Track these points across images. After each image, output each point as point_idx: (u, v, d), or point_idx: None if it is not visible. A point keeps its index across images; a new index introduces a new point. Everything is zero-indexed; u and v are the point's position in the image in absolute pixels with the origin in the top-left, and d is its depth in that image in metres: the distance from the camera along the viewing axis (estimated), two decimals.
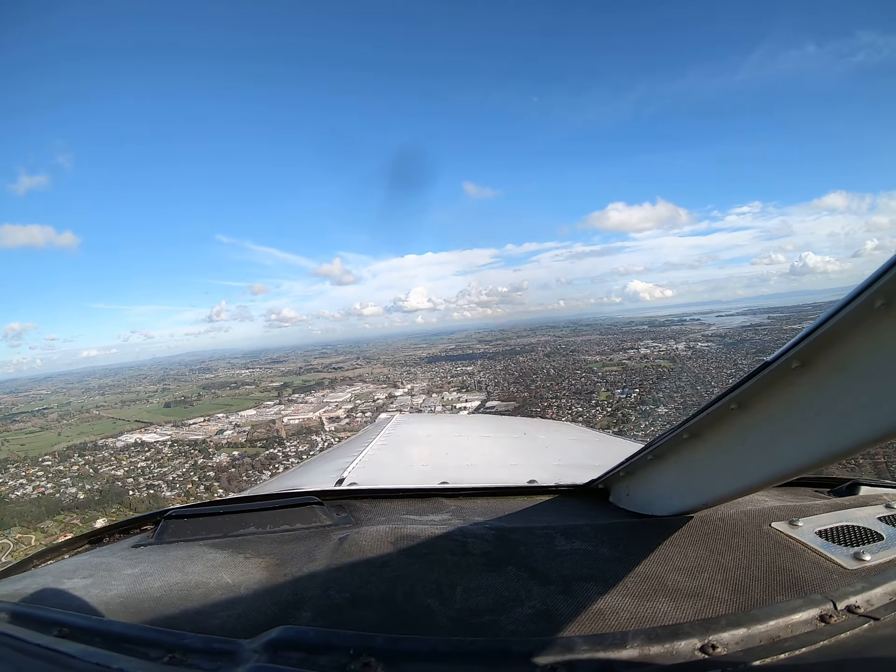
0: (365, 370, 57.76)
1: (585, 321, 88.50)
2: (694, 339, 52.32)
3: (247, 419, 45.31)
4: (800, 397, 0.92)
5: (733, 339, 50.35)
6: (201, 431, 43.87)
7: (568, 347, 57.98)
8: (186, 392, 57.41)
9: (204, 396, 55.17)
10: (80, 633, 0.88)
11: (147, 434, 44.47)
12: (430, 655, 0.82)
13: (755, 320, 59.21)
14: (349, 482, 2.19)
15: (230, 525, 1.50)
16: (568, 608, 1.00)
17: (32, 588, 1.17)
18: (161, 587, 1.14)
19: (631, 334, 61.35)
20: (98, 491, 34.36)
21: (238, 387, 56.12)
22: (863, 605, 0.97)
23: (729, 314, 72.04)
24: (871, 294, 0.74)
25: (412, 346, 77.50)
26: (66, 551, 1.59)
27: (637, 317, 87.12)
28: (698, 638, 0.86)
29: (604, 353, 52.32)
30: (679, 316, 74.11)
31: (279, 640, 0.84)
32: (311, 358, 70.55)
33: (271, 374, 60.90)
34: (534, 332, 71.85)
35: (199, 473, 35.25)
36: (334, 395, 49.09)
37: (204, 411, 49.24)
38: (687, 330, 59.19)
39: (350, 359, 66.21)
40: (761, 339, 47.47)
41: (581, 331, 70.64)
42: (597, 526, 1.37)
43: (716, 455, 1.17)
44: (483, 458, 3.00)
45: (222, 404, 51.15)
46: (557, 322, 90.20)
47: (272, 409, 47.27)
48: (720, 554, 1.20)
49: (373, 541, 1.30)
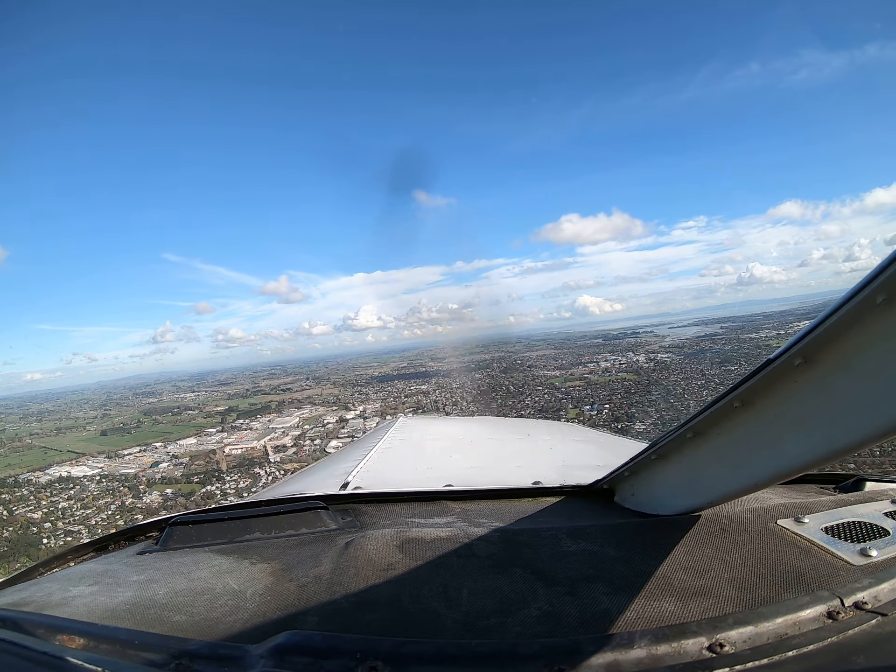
0: (314, 391, 54.82)
1: (537, 336, 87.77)
2: (652, 351, 51.41)
3: (185, 449, 41.89)
4: (803, 394, 0.92)
5: (692, 349, 50.15)
6: (135, 464, 40.38)
7: (524, 363, 56.26)
8: (127, 418, 53.63)
9: (144, 423, 51.40)
10: (85, 640, 0.88)
11: (77, 466, 40.63)
12: (436, 658, 0.82)
13: (708, 330, 59.36)
14: (354, 486, 2.21)
15: (235, 531, 1.50)
16: (574, 609, 1.00)
17: (38, 596, 1.17)
18: (167, 594, 1.14)
19: (586, 348, 60.44)
20: (6, 540, 30.96)
21: (180, 412, 52.39)
22: (870, 601, 0.97)
23: (681, 325, 71.56)
24: (872, 290, 0.74)
25: (363, 364, 74.51)
26: (72, 559, 1.59)
27: (589, 331, 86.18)
28: (706, 637, 0.86)
29: (562, 368, 50.95)
30: (631, 329, 72.84)
31: (285, 646, 0.84)
32: (259, 379, 66.90)
33: (217, 397, 57.41)
34: (486, 349, 69.72)
35: (126, 517, 31.98)
36: (281, 419, 46.15)
37: (142, 439, 45.66)
38: (643, 342, 58.35)
39: (299, 379, 63.25)
40: (721, 349, 47.38)
41: (535, 346, 69.68)
42: (602, 526, 1.37)
43: (720, 453, 1.17)
44: (487, 459, 2.99)
45: (162, 432, 47.63)
46: (509, 338, 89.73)
47: (214, 438, 44.27)
48: (726, 552, 1.19)
49: (378, 545, 1.30)
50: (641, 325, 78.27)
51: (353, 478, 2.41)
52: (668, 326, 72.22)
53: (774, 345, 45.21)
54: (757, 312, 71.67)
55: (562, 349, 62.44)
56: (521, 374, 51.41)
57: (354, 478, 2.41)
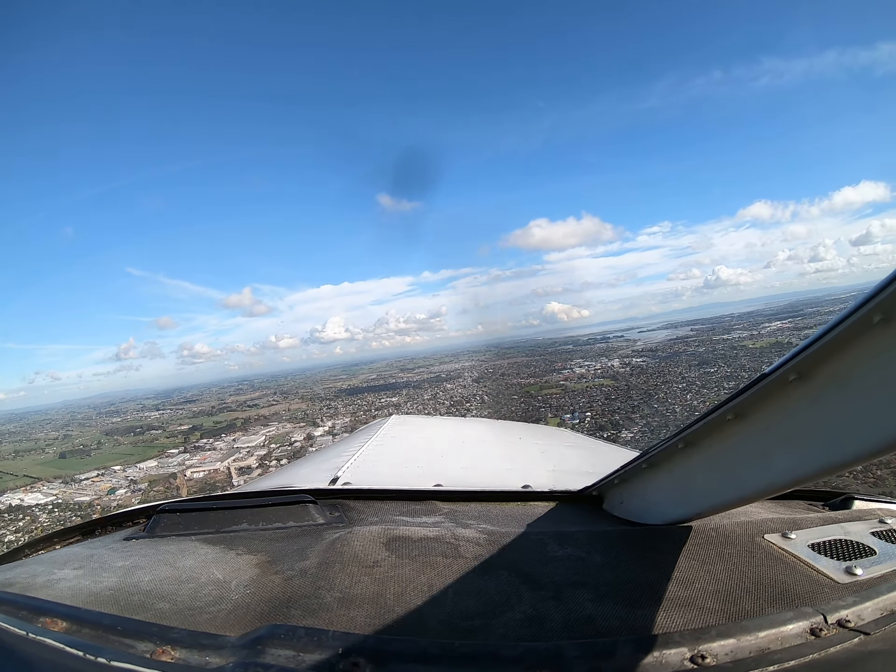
0: (282, 406, 53.17)
1: (507, 344, 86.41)
2: (626, 356, 51.68)
3: (145, 473, 39.99)
4: (796, 410, 0.93)
5: (666, 352, 50.01)
6: (91, 490, 38.38)
7: (496, 371, 56.00)
8: (87, 439, 51.36)
9: (104, 444, 49.43)
10: (68, 623, 0.88)
11: (31, 493, 38.74)
12: (419, 657, 0.83)
13: (679, 333, 59.35)
14: (343, 482, 2.21)
15: (223, 521, 1.50)
16: (559, 614, 1.00)
17: (22, 577, 1.18)
18: (151, 581, 1.14)
19: (558, 355, 59.83)
20: None
21: (143, 432, 50.37)
22: (853, 619, 0.97)
23: (650, 329, 71.62)
24: (869, 309, 0.75)
25: (332, 377, 72.49)
26: (58, 542, 1.59)
27: (559, 337, 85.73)
28: (688, 648, 0.87)
29: (536, 376, 50.55)
30: (601, 334, 72.84)
31: (268, 638, 0.84)
32: (225, 395, 64.71)
33: (182, 415, 55.21)
34: (456, 358, 69.37)
35: None
36: (246, 438, 44.39)
37: (102, 462, 43.53)
38: (614, 347, 58.05)
39: (267, 394, 61.22)
40: (695, 351, 47.48)
41: (505, 354, 68.76)
42: (590, 533, 1.38)
43: (711, 465, 1.18)
44: (478, 461, 3.00)
45: (122, 454, 45.57)
46: (478, 347, 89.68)
47: (176, 459, 42.61)
48: (712, 564, 1.20)
49: (365, 541, 1.31)
50: (610, 331, 78.08)
51: (343, 473, 2.41)
52: (637, 331, 72.39)
53: (749, 345, 45.42)
54: (725, 314, 72.43)
55: (533, 356, 61.91)
56: (494, 383, 50.86)
57: (344, 473, 2.41)
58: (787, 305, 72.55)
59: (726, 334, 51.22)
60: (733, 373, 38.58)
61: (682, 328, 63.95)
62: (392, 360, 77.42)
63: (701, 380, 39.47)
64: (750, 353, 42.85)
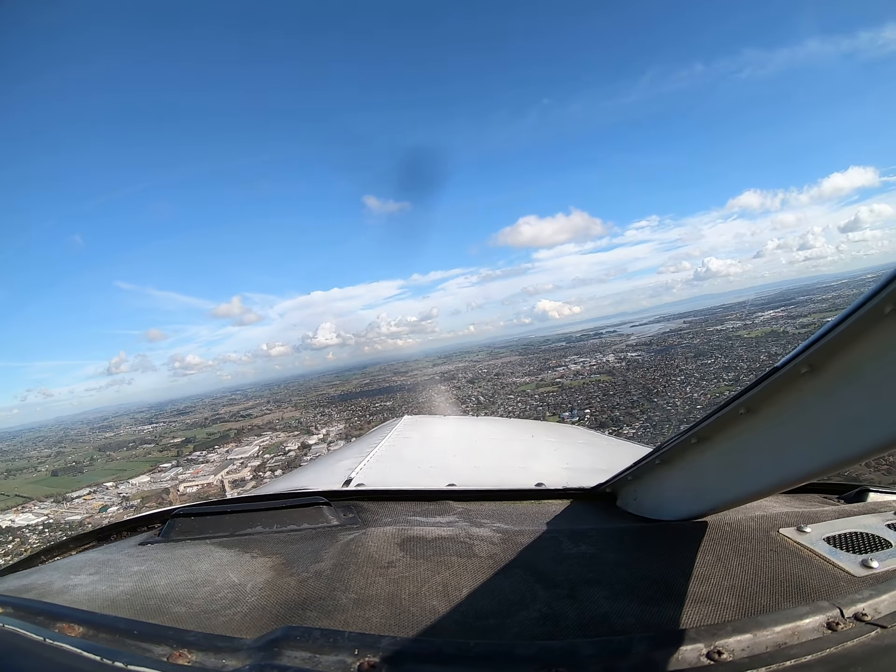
0: (275, 415, 52.25)
1: (499, 344, 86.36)
2: (620, 350, 50.91)
3: (138, 489, 39.34)
4: (808, 403, 0.93)
5: (660, 345, 49.31)
6: (83, 508, 37.72)
7: (490, 371, 54.77)
8: (80, 455, 50.58)
9: (97, 460, 48.68)
10: (85, 628, 0.89)
11: (22, 514, 38.10)
12: (434, 657, 0.83)
13: (672, 326, 58.72)
14: (357, 483, 2.21)
15: (237, 524, 1.51)
16: (573, 612, 1.00)
17: (39, 583, 1.19)
18: (167, 585, 1.16)
19: (551, 352, 59.18)
20: None
21: (136, 446, 49.66)
22: (870, 612, 0.97)
23: (642, 323, 70.94)
24: (880, 300, 0.75)
25: (325, 383, 71.79)
26: (74, 547, 1.61)
27: (551, 335, 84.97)
28: (704, 644, 0.86)
29: (531, 374, 49.59)
30: (593, 330, 72.41)
31: (284, 639, 0.84)
32: (219, 406, 63.69)
33: (175, 428, 54.31)
34: (448, 359, 68.67)
35: None
36: (240, 449, 43.67)
37: (94, 479, 42.73)
38: (608, 342, 57.36)
39: (260, 403, 58.94)
40: (690, 343, 46.96)
41: (498, 353, 68.17)
42: (604, 530, 1.38)
43: (724, 460, 1.17)
44: (491, 460, 3.00)
45: (115, 469, 44.77)
46: (470, 347, 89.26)
47: (169, 473, 42.01)
48: (727, 559, 1.19)
49: (379, 542, 1.31)
50: (602, 326, 77.52)
51: (357, 474, 2.40)
52: (630, 325, 71.70)
53: (744, 335, 45.19)
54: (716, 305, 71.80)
55: (526, 355, 61.27)
56: (489, 383, 50.25)
57: (357, 474, 2.41)
58: (777, 294, 72.14)
59: (720, 325, 50.66)
60: (731, 363, 37.89)
61: (675, 321, 63.33)
62: (385, 364, 76.83)
63: (699, 371, 38.67)
64: (745, 342, 42.48)
